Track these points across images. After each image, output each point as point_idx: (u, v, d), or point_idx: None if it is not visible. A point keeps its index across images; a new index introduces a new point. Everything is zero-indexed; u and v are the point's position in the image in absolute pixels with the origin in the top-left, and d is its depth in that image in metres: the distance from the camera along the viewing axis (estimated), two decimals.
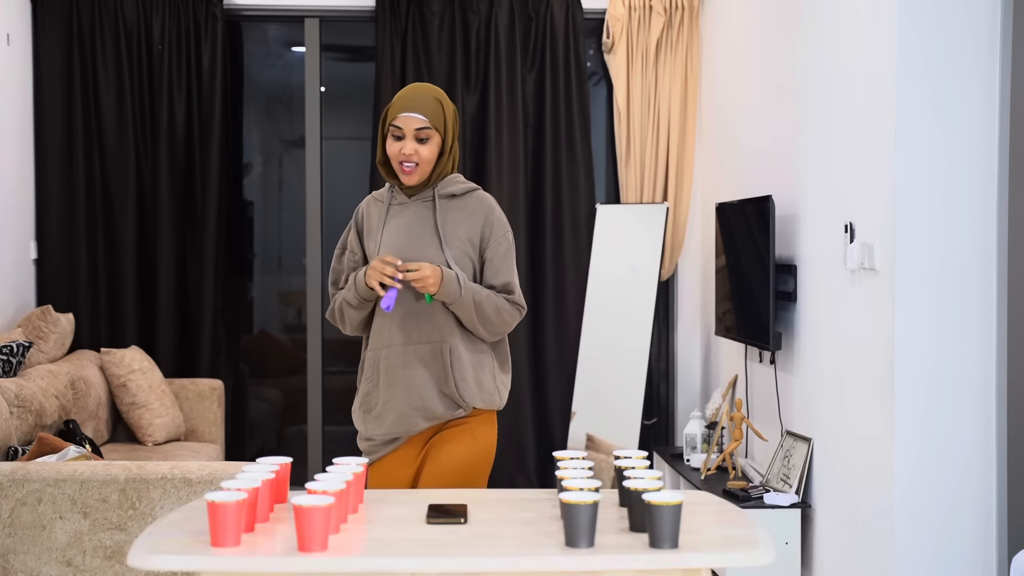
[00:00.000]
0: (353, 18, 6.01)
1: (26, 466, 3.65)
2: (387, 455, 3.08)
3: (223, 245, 5.82)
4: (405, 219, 3.07)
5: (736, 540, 2.27)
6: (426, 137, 3.01)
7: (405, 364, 3.01)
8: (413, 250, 3.01)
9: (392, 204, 3.10)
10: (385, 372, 3.03)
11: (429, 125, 3.00)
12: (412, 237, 3.03)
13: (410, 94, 3.05)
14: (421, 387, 3.01)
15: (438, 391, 3.01)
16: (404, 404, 3.01)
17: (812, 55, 4.29)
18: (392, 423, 3.03)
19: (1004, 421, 3.52)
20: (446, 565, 2.16)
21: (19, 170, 5.48)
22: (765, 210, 4.48)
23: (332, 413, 5.98)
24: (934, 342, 3.54)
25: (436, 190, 3.06)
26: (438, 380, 3.01)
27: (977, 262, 3.53)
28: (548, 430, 5.91)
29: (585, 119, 5.85)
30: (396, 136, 3.01)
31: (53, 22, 5.64)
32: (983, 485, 3.55)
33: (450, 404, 3.02)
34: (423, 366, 3.01)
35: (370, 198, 3.19)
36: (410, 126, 3.00)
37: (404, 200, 3.09)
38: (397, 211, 3.09)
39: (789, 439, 4.43)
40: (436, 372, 3.01)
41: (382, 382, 3.04)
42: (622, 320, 5.56)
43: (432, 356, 3.01)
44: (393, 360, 3.02)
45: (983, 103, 3.50)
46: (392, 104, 3.04)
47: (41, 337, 5.00)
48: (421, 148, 3.00)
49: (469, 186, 3.11)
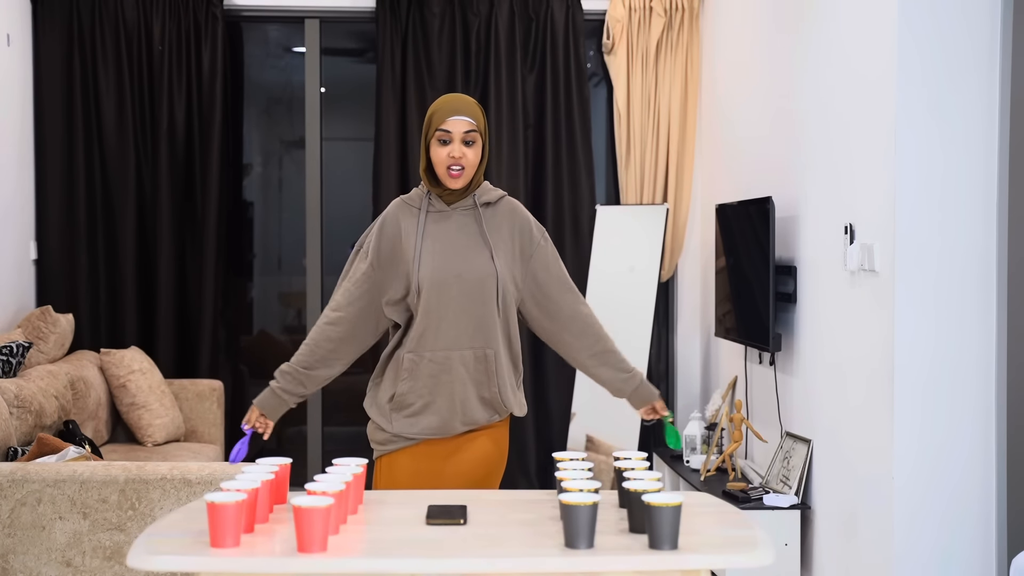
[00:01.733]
0: (353, 19, 6.01)
1: (26, 466, 3.65)
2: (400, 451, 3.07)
3: (223, 246, 5.82)
4: (449, 228, 3.06)
5: (736, 541, 2.27)
6: (472, 140, 3.03)
7: (450, 368, 3.02)
8: (463, 260, 3.02)
9: (430, 212, 3.08)
10: (429, 375, 3.02)
11: (476, 128, 3.03)
12: (461, 247, 3.04)
13: (454, 100, 3.08)
14: (464, 392, 3.02)
15: (478, 396, 3.04)
16: (446, 408, 3.02)
17: (812, 56, 4.29)
18: (428, 425, 3.03)
19: (1004, 423, 3.52)
20: (446, 566, 2.16)
21: (19, 170, 5.48)
22: (765, 211, 4.48)
23: (332, 414, 5.98)
24: (934, 344, 3.54)
25: (476, 199, 3.08)
26: (479, 385, 3.04)
27: (977, 263, 3.53)
28: (548, 431, 5.91)
29: (585, 120, 5.85)
30: (443, 140, 3.02)
31: (53, 22, 5.64)
32: (983, 487, 3.55)
33: (489, 410, 3.06)
34: (466, 371, 3.02)
35: (400, 203, 3.15)
36: (458, 129, 3.02)
37: (443, 208, 3.08)
38: (437, 219, 3.07)
39: (789, 440, 4.43)
40: (478, 377, 3.04)
41: (423, 384, 3.03)
42: (622, 321, 5.55)
43: (476, 361, 3.03)
44: (439, 364, 3.02)
45: (983, 104, 3.50)
46: (437, 110, 3.05)
47: (41, 337, 5.00)
48: (468, 151, 3.02)
49: (500, 193, 3.14)
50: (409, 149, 5.74)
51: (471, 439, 3.07)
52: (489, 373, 3.03)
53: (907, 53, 3.52)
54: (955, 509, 3.55)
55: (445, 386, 3.02)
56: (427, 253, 3.03)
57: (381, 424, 3.09)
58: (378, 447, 3.11)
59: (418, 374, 3.03)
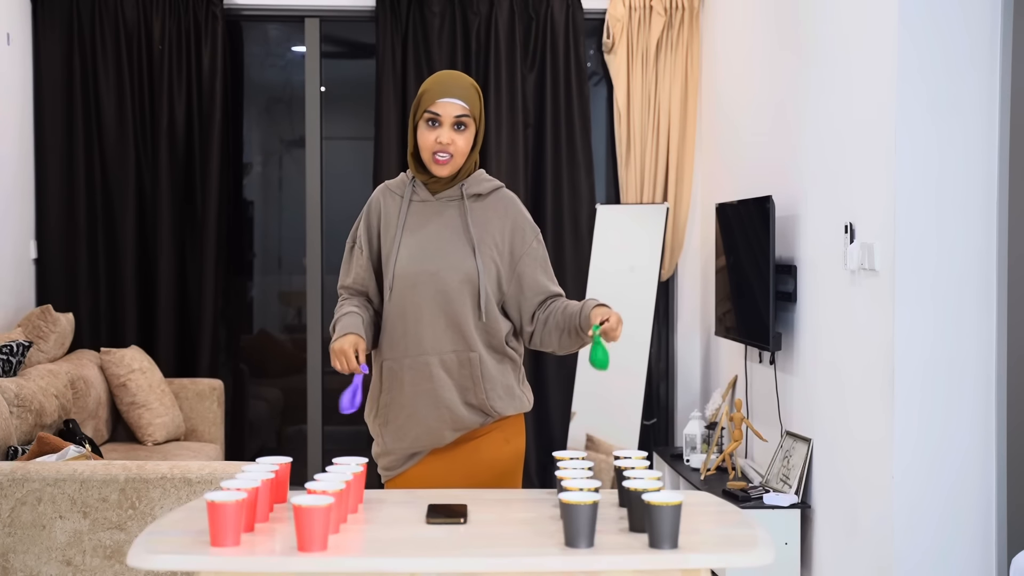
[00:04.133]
0: (353, 18, 6.01)
1: (26, 466, 3.65)
2: (410, 469, 2.91)
3: (223, 245, 5.82)
4: (430, 220, 2.86)
5: (736, 540, 2.27)
6: (464, 124, 2.81)
7: (431, 375, 2.82)
8: (442, 256, 2.83)
9: (414, 200, 2.88)
10: (408, 383, 2.84)
11: (468, 113, 2.81)
12: (441, 242, 2.84)
13: (446, 79, 2.84)
14: (448, 398, 2.83)
15: (463, 402, 2.85)
16: (431, 417, 2.84)
17: (812, 56, 4.29)
18: (416, 437, 2.86)
19: (1004, 422, 3.52)
20: (446, 565, 2.16)
21: (19, 170, 5.48)
22: (765, 210, 4.48)
23: (332, 413, 5.97)
24: (934, 343, 3.54)
25: (464, 189, 2.87)
26: (463, 390, 2.85)
27: (977, 262, 3.53)
28: (548, 430, 5.91)
29: (585, 119, 5.85)
30: (431, 122, 2.81)
31: (53, 22, 5.64)
32: (982, 486, 3.55)
33: (478, 413, 2.87)
34: (448, 376, 2.83)
35: (384, 189, 2.96)
36: (449, 113, 2.80)
37: (427, 198, 2.88)
38: (419, 209, 2.88)
39: (789, 439, 4.44)
40: (462, 382, 2.84)
41: (405, 393, 2.85)
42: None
43: (459, 366, 2.84)
44: (418, 371, 2.83)
45: (983, 103, 3.50)
46: (426, 90, 2.82)
47: (41, 337, 5.00)
48: (457, 137, 2.81)
49: (494, 184, 2.93)
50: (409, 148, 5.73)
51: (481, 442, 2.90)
52: (475, 378, 2.84)
53: (907, 53, 3.51)
54: (955, 508, 3.55)
55: (427, 395, 2.83)
56: (404, 246, 2.84)
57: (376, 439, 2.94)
58: (385, 472, 2.95)
59: (398, 383, 2.85)
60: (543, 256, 2.93)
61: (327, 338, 2.92)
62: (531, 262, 2.90)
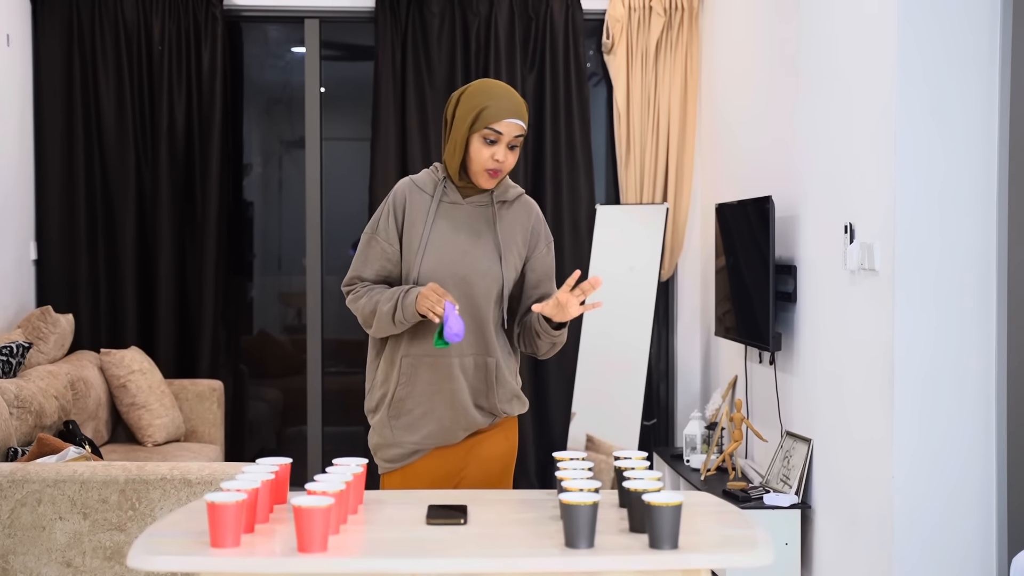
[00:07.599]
0: (353, 19, 6.01)
1: (26, 467, 3.65)
2: (413, 463, 2.94)
3: (223, 245, 5.82)
4: (459, 224, 2.90)
5: (736, 541, 2.27)
6: (517, 145, 2.86)
7: (451, 375, 2.88)
8: (471, 262, 2.87)
9: (443, 201, 2.91)
10: (427, 381, 2.89)
11: (524, 133, 2.86)
12: (470, 247, 2.88)
13: (507, 97, 2.85)
14: (463, 400, 2.89)
15: (475, 404, 2.91)
16: (447, 417, 2.90)
17: (812, 56, 4.29)
18: (429, 433, 2.91)
19: (1004, 422, 3.52)
20: (446, 566, 2.16)
21: (19, 170, 5.48)
22: (765, 211, 4.48)
23: (332, 414, 5.97)
24: (934, 343, 3.54)
25: (493, 195, 2.92)
26: (476, 393, 2.91)
27: (977, 262, 3.53)
28: (548, 431, 5.91)
29: (585, 120, 5.85)
30: (490, 140, 2.82)
31: (53, 22, 5.64)
32: (983, 486, 3.55)
33: (487, 415, 2.94)
34: (465, 378, 2.89)
35: (410, 183, 2.95)
36: (510, 133, 2.82)
37: (457, 200, 2.91)
38: (448, 210, 2.90)
39: (789, 440, 4.43)
40: (476, 385, 2.91)
41: (422, 390, 2.90)
42: (622, 321, 5.56)
43: (475, 369, 2.90)
44: (439, 370, 2.88)
45: (983, 103, 3.50)
46: (488, 105, 2.82)
47: (41, 338, 5.00)
48: (510, 155, 2.85)
49: (518, 190, 2.99)
50: (408, 149, 5.74)
51: (483, 439, 2.97)
52: (489, 383, 2.91)
53: (907, 53, 3.51)
54: (955, 508, 3.55)
55: (445, 395, 2.89)
56: (432, 247, 2.87)
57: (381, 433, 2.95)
58: (385, 464, 2.97)
59: (416, 379, 2.90)
60: (550, 264, 3.01)
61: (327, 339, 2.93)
62: (537, 267, 2.98)
